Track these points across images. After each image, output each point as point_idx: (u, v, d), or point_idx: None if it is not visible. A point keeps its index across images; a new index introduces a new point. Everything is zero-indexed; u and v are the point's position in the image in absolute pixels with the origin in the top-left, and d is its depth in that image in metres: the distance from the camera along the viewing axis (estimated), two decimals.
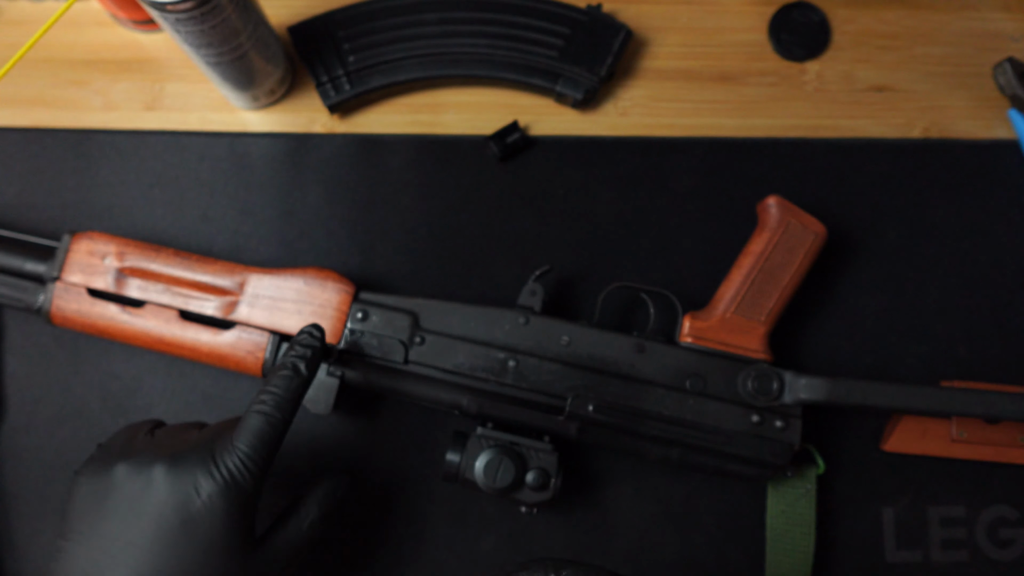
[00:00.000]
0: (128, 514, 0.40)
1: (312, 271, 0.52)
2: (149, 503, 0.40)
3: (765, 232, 0.53)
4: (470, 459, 0.49)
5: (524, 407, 0.51)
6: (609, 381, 0.51)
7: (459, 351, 0.51)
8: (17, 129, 0.59)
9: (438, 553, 0.55)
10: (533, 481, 0.49)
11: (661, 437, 0.51)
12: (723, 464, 0.51)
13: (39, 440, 0.56)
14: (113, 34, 0.61)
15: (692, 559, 0.55)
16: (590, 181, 0.59)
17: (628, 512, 0.56)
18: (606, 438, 0.51)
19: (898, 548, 0.56)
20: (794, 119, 0.61)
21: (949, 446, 0.54)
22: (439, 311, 0.51)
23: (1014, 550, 0.56)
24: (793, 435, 0.51)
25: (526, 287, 0.52)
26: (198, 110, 0.60)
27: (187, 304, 0.51)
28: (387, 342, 0.51)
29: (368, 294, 0.52)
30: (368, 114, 0.61)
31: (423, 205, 0.59)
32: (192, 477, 0.40)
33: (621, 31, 0.59)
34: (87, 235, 0.52)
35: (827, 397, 0.51)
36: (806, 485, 0.54)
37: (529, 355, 0.51)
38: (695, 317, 0.53)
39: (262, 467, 0.42)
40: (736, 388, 0.51)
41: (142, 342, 0.52)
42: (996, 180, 0.60)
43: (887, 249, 0.59)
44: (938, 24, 0.63)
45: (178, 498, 0.40)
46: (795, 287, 0.53)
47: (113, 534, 0.40)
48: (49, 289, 0.51)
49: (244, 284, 0.52)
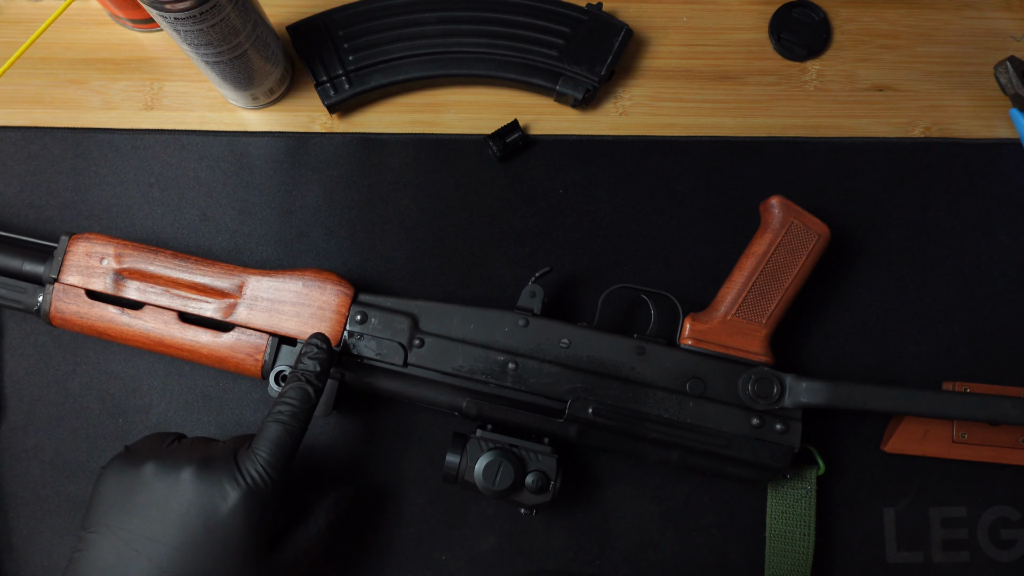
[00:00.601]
0: (154, 511, 0.42)
1: (311, 273, 0.52)
2: (176, 503, 0.42)
3: (768, 233, 0.53)
4: (470, 461, 0.49)
5: (524, 410, 0.51)
6: (609, 384, 0.51)
7: (459, 353, 0.51)
8: (15, 128, 0.59)
9: (438, 553, 0.55)
10: (532, 484, 0.49)
11: (661, 440, 0.50)
12: (722, 467, 0.51)
13: (38, 440, 0.56)
14: (112, 33, 0.61)
15: (692, 559, 0.55)
16: (590, 181, 0.59)
17: (628, 512, 0.55)
18: (605, 440, 0.51)
19: (899, 549, 0.55)
20: (795, 119, 0.61)
21: (950, 447, 0.54)
22: (438, 313, 0.51)
23: (1015, 551, 0.55)
24: (793, 438, 0.51)
25: (526, 288, 0.52)
26: (197, 110, 0.60)
27: (186, 306, 0.51)
28: (386, 345, 0.51)
29: (367, 296, 0.52)
30: (368, 114, 0.61)
31: (423, 205, 0.59)
32: (218, 482, 0.42)
33: (621, 30, 0.59)
34: (85, 236, 0.52)
35: (827, 401, 0.50)
36: (806, 486, 0.54)
37: (529, 357, 0.51)
38: (696, 319, 0.53)
39: (281, 473, 0.44)
40: (736, 391, 0.51)
41: (141, 344, 0.52)
42: (997, 179, 0.60)
43: (888, 249, 0.59)
44: (939, 23, 0.63)
45: (204, 500, 0.42)
46: (797, 289, 0.53)
47: (138, 529, 0.41)
48: (48, 291, 0.51)
49: (243, 286, 0.51)
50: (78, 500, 0.55)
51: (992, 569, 0.55)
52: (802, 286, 0.53)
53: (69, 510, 0.55)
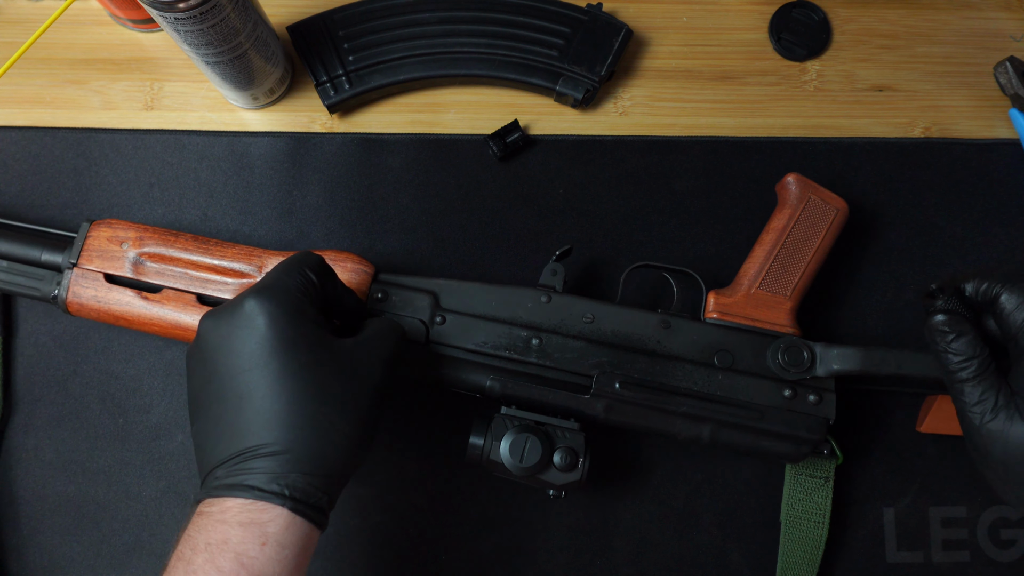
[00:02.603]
0: (240, 343, 0.40)
1: (331, 253, 0.52)
2: (248, 329, 0.40)
3: (786, 209, 0.53)
4: (495, 440, 0.47)
5: (549, 386, 0.50)
6: (635, 358, 0.50)
7: (481, 330, 0.50)
8: (16, 128, 0.59)
9: (438, 553, 0.55)
10: (561, 461, 0.47)
11: (691, 414, 0.49)
12: (756, 441, 0.50)
13: (38, 440, 0.56)
14: (112, 33, 0.61)
15: (692, 559, 0.55)
16: (590, 181, 0.59)
17: (628, 512, 0.55)
18: (635, 416, 0.50)
19: (899, 549, 0.55)
20: (795, 119, 0.61)
21: None
22: (459, 291, 0.51)
23: (1015, 551, 0.55)
24: (828, 409, 0.50)
25: (547, 267, 0.52)
26: (197, 110, 0.60)
27: (205, 288, 0.51)
28: (407, 322, 0.50)
29: (387, 275, 0.52)
30: (368, 114, 0.61)
31: (423, 205, 0.59)
32: (269, 298, 0.41)
33: (621, 30, 0.59)
34: (105, 222, 0.52)
35: (860, 366, 0.49)
36: (824, 475, 0.54)
37: (552, 332, 0.50)
38: (720, 294, 0.52)
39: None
40: (766, 362, 0.50)
41: (158, 329, 0.51)
42: (997, 179, 0.60)
43: (888, 249, 0.59)
44: (939, 23, 0.63)
45: (264, 319, 0.40)
46: (820, 262, 0.53)
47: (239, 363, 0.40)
48: (66, 276, 0.51)
49: (263, 268, 0.51)
50: (78, 500, 0.55)
51: (992, 569, 0.55)
52: (824, 260, 0.53)
53: (69, 510, 0.55)
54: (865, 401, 0.56)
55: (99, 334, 0.57)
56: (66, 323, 0.57)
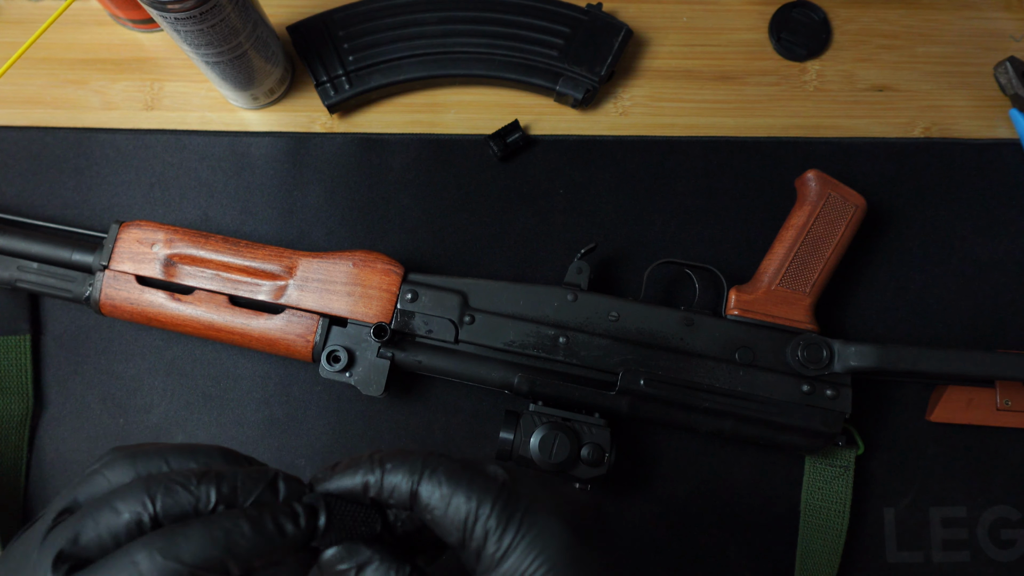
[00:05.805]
0: None
1: (360, 253, 0.52)
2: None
3: (806, 205, 0.54)
4: (524, 436, 0.49)
5: (575, 383, 0.51)
6: (659, 355, 0.51)
7: (509, 329, 0.51)
8: (17, 128, 0.59)
9: None
10: (588, 456, 0.49)
11: (713, 409, 0.51)
12: (775, 435, 0.51)
13: (38, 440, 0.56)
14: (112, 33, 0.61)
15: (692, 559, 0.55)
16: (590, 181, 0.59)
17: (628, 512, 0.55)
18: (658, 412, 0.51)
19: (899, 549, 0.55)
20: (795, 119, 0.61)
21: (995, 415, 0.54)
22: (487, 290, 0.52)
23: (1015, 551, 0.55)
24: (844, 403, 0.51)
25: (572, 265, 0.53)
26: (198, 110, 0.60)
27: (236, 289, 0.51)
28: (437, 322, 0.51)
29: (417, 275, 0.52)
30: (368, 114, 0.61)
31: (423, 205, 0.59)
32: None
33: (621, 30, 0.59)
34: (135, 223, 0.52)
35: (877, 363, 0.51)
36: (844, 463, 0.54)
37: (579, 331, 0.51)
38: (741, 290, 0.53)
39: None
40: (785, 358, 0.51)
41: (191, 329, 0.52)
42: (997, 179, 0.60)
43: (888, 249, 0.59)
44: (939, 24, 0.63)
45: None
46: (839, 258, 0.54)
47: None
48: (98, 278, 0.51)
49: (293, 268, 0.52)
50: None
51: (992, 569, 0.55)
52: (843, 256, 0.54)
53: None
54: (865, 401, 0.56)
55: (99, 334, 0.57)
56: (66, 323, 0.57)
